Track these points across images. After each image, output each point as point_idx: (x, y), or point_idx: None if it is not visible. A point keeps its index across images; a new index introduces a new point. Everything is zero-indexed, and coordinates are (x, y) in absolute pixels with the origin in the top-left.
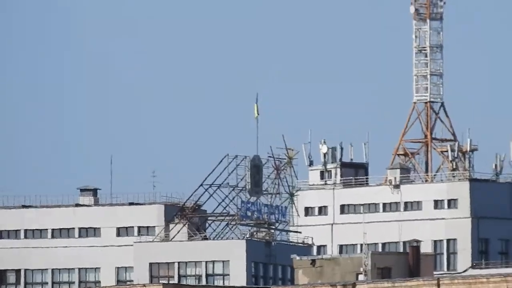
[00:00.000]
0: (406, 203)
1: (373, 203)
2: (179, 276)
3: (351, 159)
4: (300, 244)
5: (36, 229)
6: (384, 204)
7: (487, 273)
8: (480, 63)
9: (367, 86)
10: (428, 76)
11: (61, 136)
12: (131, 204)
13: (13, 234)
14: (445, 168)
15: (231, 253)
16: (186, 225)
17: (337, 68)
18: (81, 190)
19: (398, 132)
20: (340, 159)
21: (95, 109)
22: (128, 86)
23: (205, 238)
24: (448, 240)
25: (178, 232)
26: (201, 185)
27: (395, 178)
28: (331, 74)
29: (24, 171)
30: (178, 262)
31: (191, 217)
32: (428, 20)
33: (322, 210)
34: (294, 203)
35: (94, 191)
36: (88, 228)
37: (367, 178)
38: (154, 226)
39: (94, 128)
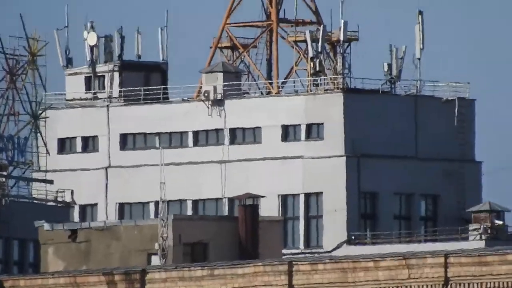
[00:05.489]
0: (234, 130)
1: (177, 132)
2: None
3: (138, 56)
4: (51, 203)
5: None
6: (196, 133)
7: (376, 251)
8: None
9: None
10: None
11: None
12: None
13: None
14: (302, 71)
15: None
16: None
17: None
18: None
19: (221, 11)
20: (120, 56)
21: None
22: None
23: None
24: (308, 195)
25: None
26: None
27: (214, 88)
28: None
29: None
30: None
31: None
32: None
33: (90, 143)
34: (40, 132)
35: None
36: None
37: (165, 89)
38: None
39: None
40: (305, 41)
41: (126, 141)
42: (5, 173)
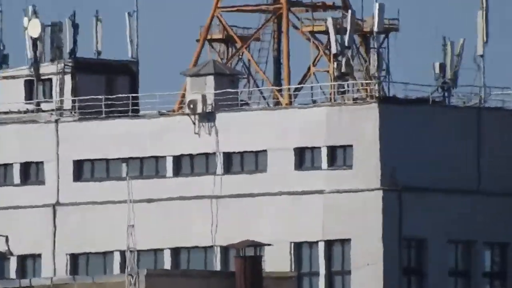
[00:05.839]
0: (229, 155)
1: (152, 157)
2: None
3: (98, 52)
4: None
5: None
6: (178, 158)
7: None
8: None
9: None
10: None
11: None
12: None
13: None
14: (323, 73)
15: None
16: None
17: None
18: None
19: None
20: (72, 53)
21: None
22: None
23: None
24: (330, 243)
25: None
26: None
27: (203, 97)
28: None
29: None
30: None
31: None
32: None
33: (32, 172)
34: None
35: None
36: None
37: (135, 98)
38: None
39: None
40: (326, 32)
41: (82, 169)
42: None
